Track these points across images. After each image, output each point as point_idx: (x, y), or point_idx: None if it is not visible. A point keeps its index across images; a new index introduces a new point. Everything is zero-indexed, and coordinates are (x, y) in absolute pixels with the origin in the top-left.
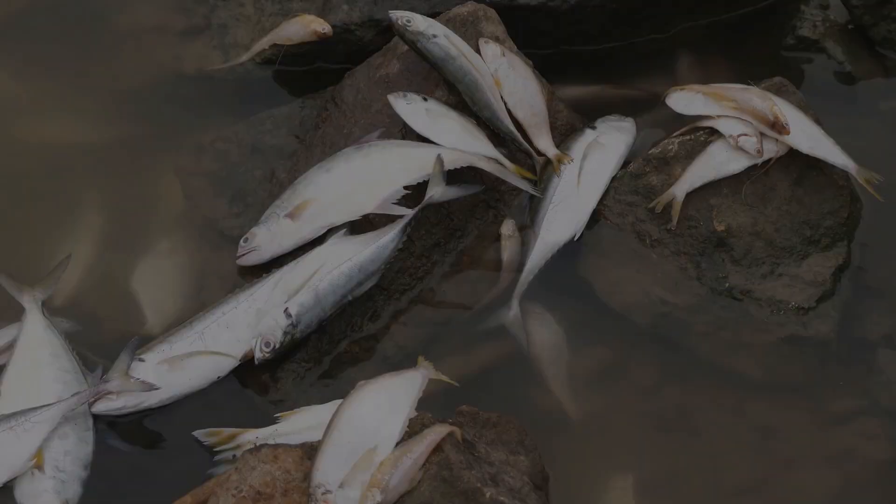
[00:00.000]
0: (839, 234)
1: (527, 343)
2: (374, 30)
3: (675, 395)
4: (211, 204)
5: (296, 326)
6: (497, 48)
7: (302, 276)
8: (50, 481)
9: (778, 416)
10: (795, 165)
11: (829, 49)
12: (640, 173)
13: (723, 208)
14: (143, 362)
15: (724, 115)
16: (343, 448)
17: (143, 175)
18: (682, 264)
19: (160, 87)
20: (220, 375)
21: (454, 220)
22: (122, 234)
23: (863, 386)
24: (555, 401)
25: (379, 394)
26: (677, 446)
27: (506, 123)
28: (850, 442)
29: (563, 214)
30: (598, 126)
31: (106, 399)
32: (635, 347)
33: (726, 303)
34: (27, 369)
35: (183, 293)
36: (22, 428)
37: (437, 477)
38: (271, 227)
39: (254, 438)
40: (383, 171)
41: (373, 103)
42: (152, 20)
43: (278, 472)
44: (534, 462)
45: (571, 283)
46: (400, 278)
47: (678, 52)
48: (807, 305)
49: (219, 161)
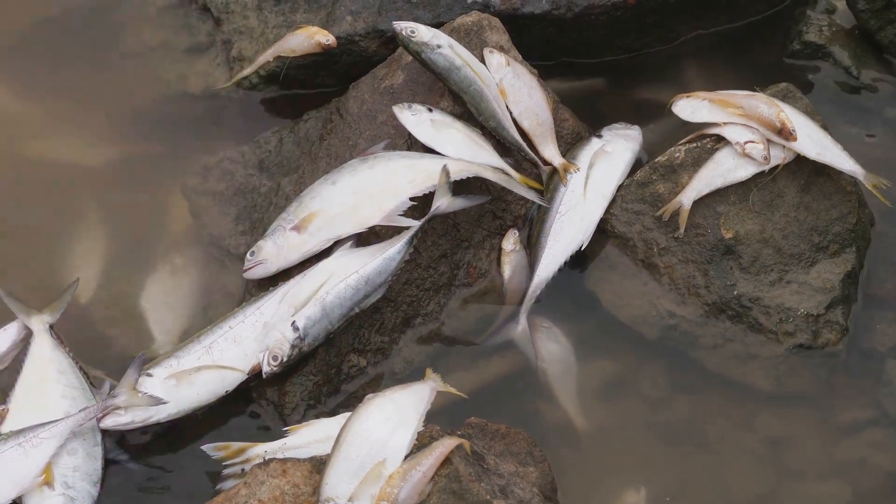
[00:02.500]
0: (847, 240)
1: (535, 356)
2: (378, 40)
3: (683, 408)
4: (217, 222)
5: (303, 339)
6: (502, 58)
7: (309, 288)
8: (59, 497)
9: (787, 427)
10: (803, 172)
11: (836, 54)
12: (646, 181)
13: (730, 215)
14: (150, 377)
15: (730, 122)
16: (352, 461)
17: (150, 194)
18: (689, 273)
19: (166, 106)
20: (227, 389)
21: (461, 230)
22: (129, 253)
23: (872, 396)
24: (563, 414)
25: (387, 407)
26: (686, 458)
27: (511, 133)
28: (860, 452)
29: (570, 224)
30: (604, 134)
31: (114, 414)
32: (643, 360)
33: (734, 314)
34: (34, 386)
35: (190, 311)
36: (30, 444)
37: (446, 489)
38: (277, 240)
39: (262, 452)
40: (389, 183)
41: (378, 114)
42: (156, 39)
43: (287, 486)
44: (543, 473)
45: (579, 296)
46: (407, 290)
47: (684, 60)
48: (816, 312)
49: (225, 180)
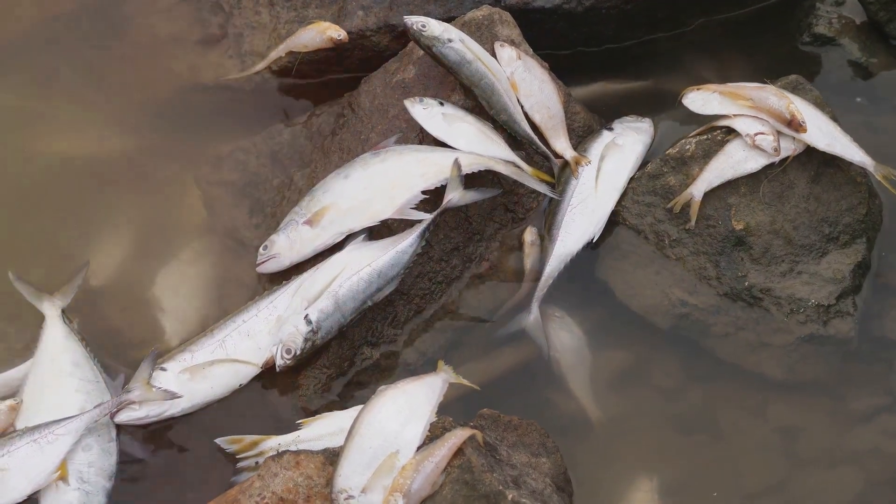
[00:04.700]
0: (858, 230)
1: (547, 347)
2: (389, 35)
3: (696, 397)
4: (230, 213)
5: (316, 333)
6: (513, 51)
7: (321, 282)
8: (75, 493)
9: (799, 415)
10: (813, 163)
11: (845, 46)
12: (657, 174)
13: (741, 207)
14: (164, 371)
15: (740, 114)
16: (365, 453)
17: (163, 185)
18: (701, 264)
19: (178, 98)
20: (241, 383)
21: (473, 223)
22: (142, 244)
23: (884, 384)
24: (576, 404)
25: (400, 398)
26: (699, 447)
27: (523, 126)
28: (872, 440)
29: (582, 217)
30: (615, 127)
31: (128, 409)
32: (656, 349)
33: (746, 303)
34: (49, 379)
35: (204, 302)
36: (45, 440)
37: (459, 480)
38: (290, 235)
39: (276, 445)
40: (401, 177)
41: (389, 108)
42: (168, 31)
43: (301, 478)
44: (556, 464)
45: (591, 286)
46: (420, 283)
47: (694, 52)
48: (826, 303)
49: (238, 170)
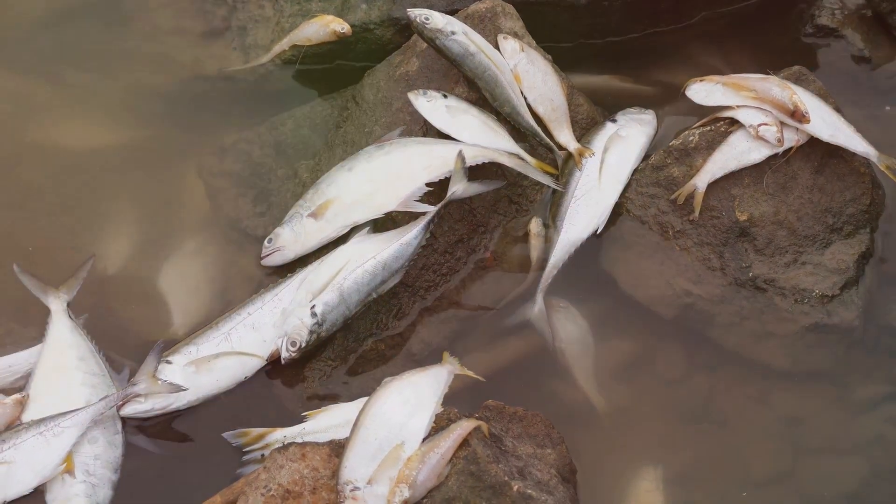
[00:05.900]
0: (861, 221)
1: (552, 337)
2: (392, 28)
3: (701, 386)
4: (234, 204)
5: (321, 325)
6: (516, 44)
7: (326, 274)
8: (81, 486)
9: (804, 404)
10: (816, 154)
11: (848, 37)
12: (661, 165)
13: (745, 198)
14: (170, 364)
15: (743, 105)
16: (370, 445)
17: (167, 176)
18: (705, 255)
19: (181, 89)
20: (246, 376)
21: (477, 215)
22: (146, 236)
23: (889, 372)
24: (581, 394)
25: (405, 390)
26: (704, 437)
27: (526, 118)
28: (877, 428)
29: (586, 208)
30: (618, 119)
31: (134, 402)
32: (661, 339)
33: (750, 293)
34: (55, 373)
35: (208, 293)
36: (51, 433)
37: (464, 471)
38: (295, 227)
39: (282, 437)
40: (405, 169)
41: (393, 101)
42: (172, 23)
43: (306, 470)
44: (561, 455)
45: (595, 276)
46: (424, 275)
47: (698, 44)
48: (830, 293)
49: (241, 161)
